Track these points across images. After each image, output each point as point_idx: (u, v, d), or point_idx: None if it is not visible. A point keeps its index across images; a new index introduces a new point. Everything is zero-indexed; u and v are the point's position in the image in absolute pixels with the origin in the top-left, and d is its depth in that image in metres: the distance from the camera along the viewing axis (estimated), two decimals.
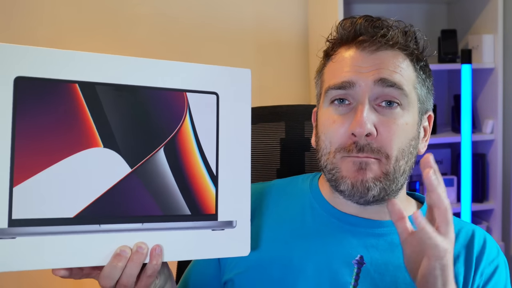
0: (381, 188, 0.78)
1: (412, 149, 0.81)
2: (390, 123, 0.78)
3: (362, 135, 0.76)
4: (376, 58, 0.79)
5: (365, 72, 0.79)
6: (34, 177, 0.67)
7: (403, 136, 0.79)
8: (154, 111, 0.73)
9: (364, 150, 0.77)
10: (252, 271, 0.82)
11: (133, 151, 0.71)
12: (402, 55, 0.81)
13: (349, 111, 0.79)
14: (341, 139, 0.79)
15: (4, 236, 0.65)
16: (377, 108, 0.79)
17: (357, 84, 0.79)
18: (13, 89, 0.66)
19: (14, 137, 0.66)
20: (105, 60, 0.71)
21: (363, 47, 0.80)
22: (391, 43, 0.80)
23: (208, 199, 0.76)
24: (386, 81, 0.78)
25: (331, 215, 0.84)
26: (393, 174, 0.78)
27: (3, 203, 0.65)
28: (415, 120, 0.81)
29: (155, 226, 0.72)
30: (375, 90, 0.78)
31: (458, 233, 0.85)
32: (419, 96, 0.82)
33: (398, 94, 0.79)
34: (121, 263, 0.69)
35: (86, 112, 0.69)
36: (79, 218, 0.68)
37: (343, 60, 0.82)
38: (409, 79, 0.81)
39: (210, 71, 0.77)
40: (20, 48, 0.67)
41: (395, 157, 0.78)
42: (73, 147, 0.69)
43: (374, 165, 0.78)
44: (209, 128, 0.76)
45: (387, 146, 0.77)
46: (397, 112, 0.79)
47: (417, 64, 0.82)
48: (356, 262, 0.80)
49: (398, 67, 0.79)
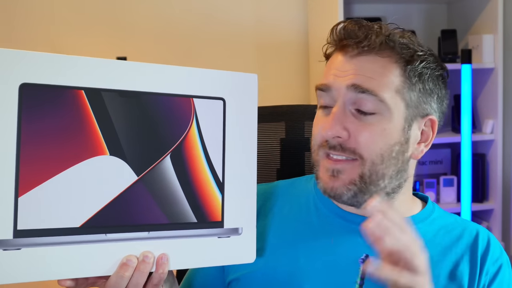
0: (356, 191, 0.79)
1: (395, 154, 0.80)
2: (365, 128, 0.78)
3: (330, 137, 0.78)
4: (353, 64, 0.79)
5: (342, 76, 0.79)
6: (40, 187, 0.65)
7: (380, 142, 0.78)
8: (161, 117, 0.72)
9: (336, 149, 0.79)
10: (259, 271, 0.82)
11: (140, 159, 0.70)
12: (385, 60, 0.80)
13: (329, 113, 0.81)
14: (318, 138, 0.82)
15: (9, 247, 0.64)
16: (354, 113, 0.79)
17: (333, 88, 0.80)
18: (18, 96, 0.64)
19: (19, 146, 0.64)
20: (111, 65, 0.70)
21: (346, 51, 0.81)
22: (371, 48, 0.79)
23: (214, 206, 0.75)
24: (358, 87, 0.78)
25: (336, 214, 0.85)
26: (369, 177, 0.78)
27: (8, 213, 0.64)
28: (397, 126, 0.80)
29: (161, 235, 0.71)
30: (349, 95, 0.78)
31: (462, 232, 0.86)
32: (406, 101, 0.80)
33: (372, 100, 0.78)
34: (127, 272, 0.68)
35: (92, 119, 0.68)
36: (85, 227, 0.67)
37: (331, 63, 0.83)
38: (389, 85, 0.79)
39: (217, 76, 0.76)
40: (25, 53, 0.65)
41: (372, 161, 0.78)
42: (79, 155, 0.67)
43: (348, 169, 0.79)
44: (215, 134, 0.75)
45: (361, 148, 0.78)
46: (372, 117, 0.78)
47: (406, 68, 0.80)
48: (362, 261, 0.80)
49: (375, 73, 0.79)
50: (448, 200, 2.24)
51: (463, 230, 0.86)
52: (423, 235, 0.84)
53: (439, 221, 0.87)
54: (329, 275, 0.80)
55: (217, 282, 0.88)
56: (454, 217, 0.90)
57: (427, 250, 0.81)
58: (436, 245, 0.83)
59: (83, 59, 0.68)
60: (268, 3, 2.32)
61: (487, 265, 0.83)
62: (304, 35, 2.35)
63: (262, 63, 2.33)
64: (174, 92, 0.73)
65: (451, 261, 0.83)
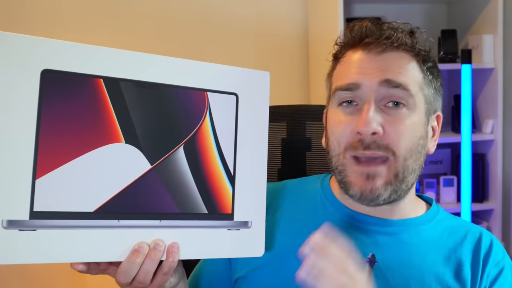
0: (391, 191, 0.79)
1: (420, 148, 0.81)
2: (397, 122, 0.79)
3: (367, 133, 0.77)
4: (381, 60, 0.80)
5: (371, 73, 0.80)
6: (57, 170, 0.66)
7: (410, 135, 0.79)
8: (176, 109, 0.73)
9: (371, 147, 0.78)
10: (265, 268, 0.83)
11: (154, 148, 0.71)
12: (408, 57, 0.82)
13: (356, 112, 0.80)
14: (347, 138, 0.80)
15: (25, 228, 0.65)
16: (384, 109, 0.79)
17: (363, 85, 0.80)
18: (40, 81, 0.66)
19: (39, 130, 0.66)
20: (130, 56, 0.71)
21: (369, 49, 0.81)
22: (396, 45, 0.81)
23: (225, 198, 0.76)
24: (391, 82, 0.79)
25: (343, 214, 0.85)
26: (402, 173, 0.79)
27: (25, 195, 0.65)
28: (421, 120, 0.82)
29: (173, 224, 0.72)
30: (381, 91, 0.79)
31: (466, 234, 0.86)
32: (426, 97, 0.83)
33: (404, 95, 0.79)
34: (139, 259, 0.69)
35: (110, 107, 0.70)
36: (99, 212, 0.68)
37: (350, 62, 0.83)
38: (415, 80, 0.81)
39: (231, 72, 0.78)
40: (47, 41, 0.67)
41: (403, 156, 0.79)
42: (96, 142, 0.69)
43: (382, 170, 0.78)
44: (228, 128, 0.76)
45: (394, 143, 0.78)
46: (403, 112, 0.80)
47: (423, 65, 0.83)
48: (368, 260, 0.80)
49: (403, 68, 0.80)
50: (448, 200, 2.24)
51: (467, 232, 0.86)
52: (428, 237, 0.84)
53: (444, 223, 0.88)
54: None
55: (224, 279, 0.88)
56: (458, 220, 0.90)
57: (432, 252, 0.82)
58: (441, 247, 0.84)
59: (103, 48, 0.70)
60: (268, 3, 2.32)
61: (488, 267, 0.83)
62: (304, 35, 2.35)
63: (263, 63, 2.33)
64: (189, 85, 0.74)
65: (455, 263, 0.83)
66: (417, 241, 0.83)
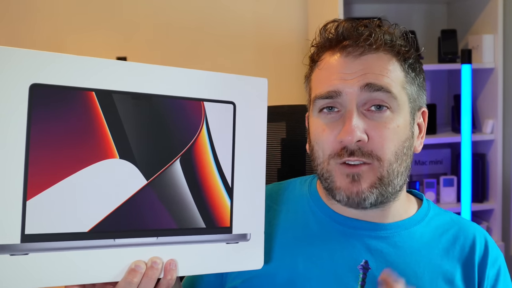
0: (378, 194, 0.77)
1: (406, 150, 0.79)
2: (381, 127, 0.77)
3: (351, 143, 0.76)
4: (361, 63, 0.78)
5: (351, 78, 0.77)
6: (48, 190, 0.63)
7: (395, 139, 0.78)
8: (171, 120, 0.70)
9: (355, 154, 0.76)
10: (257, 279, 0.81)
11: (149, 162, 0.69)
12: (388, 57, 0.79)
13: (338, 118, 0.78)
14: (331, 146, 0.78)
15: (17, 252, 0.62)
16: (366, 113, 0.77)
17: (344, 92, 0.77)
18: (29, 96, 0.63)
19: (28, 148, 0.63)
20: (122, 67, 0.68)
21: (347, 52, 0.79)
22: (374, 47, 0.78)
23: (223, 211, 0.74)
24: (372, 86, 0.77)
25: (333, 220, 0.83)
26: (387, 178, 0.77)
27: (16, 217, 0.62)
28: (407, 121, 0.80)
29: (170, 240, 0.70)
30: (363, 95, 0.77)
31: (458, 233, 0.85)
32: (409, 96, 0.81)
33: (387, 97, 0.77)
34: (136, 278, 0.67)
35: (103, 122, 0.67)
36: (93, 232, 0.66)
37: (328, 67, 0.80)
38: (397, 80, 0.79)
39: (227, 80, 0.75)
40: (36, 53, 0.64)
41: (388, 161, 0.77)
42: (89, 158, 0.66)
43: (368, 172, 0.77)
44: (225, 139, 0.74)
45: (379, 149, 0.76)
46: (387, 115, 0.77)
47: (404, 63, 0.81)
48: (362, 267, 0.79)
49: (384, 70, 0.78)
50: (448, 200, 2.24)
51: (459, 230, 0.85)
52: (420, 237, 0.83)
53: (435, 220, 0.87)
54: (329, 280, 0.79)
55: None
56: (449, 215, 0.89)
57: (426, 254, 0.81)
58: (433, 248, 0.83)
59: (94, 60, 0.67)
60: (268, 3, 2.33)
61: (487, 269, 0.83)
62: (304, 35, 2.35)
63: (263, 64, 2.33)
64: (185, 95, 0.71)
65: (448, 265, 0.82)
66: (410, 244, 0.82)
